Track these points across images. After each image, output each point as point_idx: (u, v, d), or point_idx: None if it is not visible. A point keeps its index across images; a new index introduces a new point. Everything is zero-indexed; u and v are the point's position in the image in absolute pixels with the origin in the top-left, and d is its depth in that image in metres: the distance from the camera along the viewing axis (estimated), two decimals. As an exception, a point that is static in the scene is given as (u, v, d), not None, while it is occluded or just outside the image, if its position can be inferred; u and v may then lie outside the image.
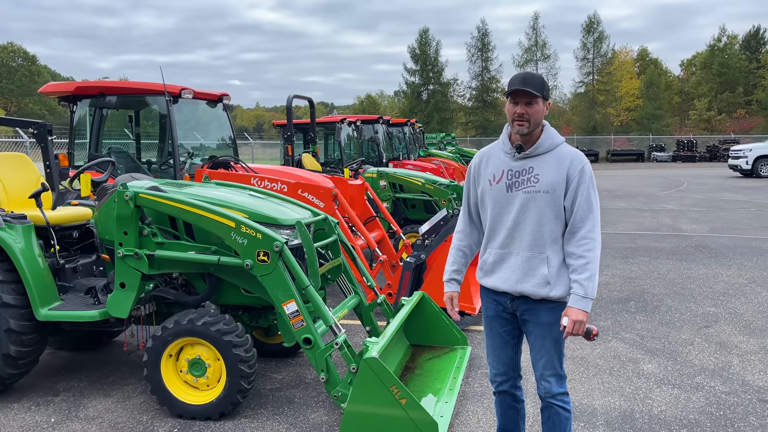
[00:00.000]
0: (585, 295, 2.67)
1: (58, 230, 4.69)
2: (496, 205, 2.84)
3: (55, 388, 4.51)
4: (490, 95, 55.60)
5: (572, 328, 2.66)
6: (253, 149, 27.88)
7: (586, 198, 2.71)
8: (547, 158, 2.77)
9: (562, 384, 2.88)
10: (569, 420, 2.90)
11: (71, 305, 4.23)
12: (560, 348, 2.85)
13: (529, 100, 2.71)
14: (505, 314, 2.93)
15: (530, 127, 2.74)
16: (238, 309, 4.43)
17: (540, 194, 2.73)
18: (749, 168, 25.43)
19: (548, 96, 2.79)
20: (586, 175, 2.73)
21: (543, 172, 2.75)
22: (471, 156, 20.11)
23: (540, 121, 2.77)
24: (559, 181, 2.72)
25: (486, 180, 2.88)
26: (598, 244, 2.71)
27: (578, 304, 2.67)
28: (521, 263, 2.80)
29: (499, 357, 3.01)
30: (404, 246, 6.88)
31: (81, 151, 8.35)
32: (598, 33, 53.92)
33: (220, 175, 6.51)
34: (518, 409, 3.12)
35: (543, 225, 2.75)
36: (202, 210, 3.90)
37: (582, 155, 2.79)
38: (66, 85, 7.50)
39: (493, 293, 2.93)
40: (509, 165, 2.82)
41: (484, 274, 2.94)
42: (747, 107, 54.17)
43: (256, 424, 3.86)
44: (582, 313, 2.66)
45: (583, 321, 2.66)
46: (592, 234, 2.70)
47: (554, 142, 2.80)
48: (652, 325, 5.80)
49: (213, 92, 7.71)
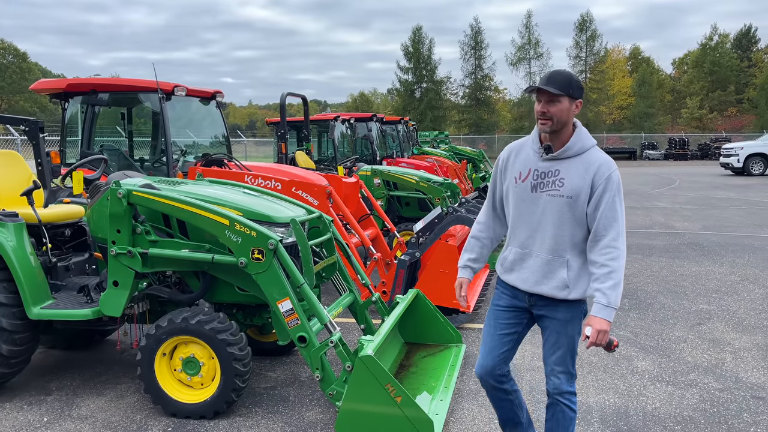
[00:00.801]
0: (608, 304, 2.63)
1: (50, 228, 4.66)
2: (519, 203, 2.83)
3: (48, 387, 4.48)
4: (484, 93, 55.73)
5: (596, 338, 2.62)
6: (246, 147, 27.81)
7: (610, 206, 2.66)
8: (574, 162, 2.73)
9: (572, 383, 2.86)
10: (573, 420, 2.87)
11: (64, 304, 4.20)
12: (574, 346, 2.83)
13: (551, 98, 2.67)
14: (516, 310, 2.92)
15: (553, 125, 2.70)
16: (233, 307, 4.41)
17: (563, 199, 2.71)
18: (740, 166, 25.62)
19: (577, 95, 2.71)
20: (613, 184, 2.67)
21: (568, 177, 2.71)
22: (464, 154, 20.12)
23: (565, 120, 2.71)
24: (583, 187, 2.69)
25: (512, 176, 2.86)
26: (622, 253, 2.67)
27: (601, 313, 2.63)
28: (540, 265, 2.79)
29: (491, 350, 2.97)
30: (398, 244, 6.87)
31: (73, 148, 8.31)
32: (591, 31, 54.18)
33: (213, 172, 6.47)
34: (511, 400, 3.07)
35: (564, 229, 2.73)
36: (196, 208, 3.87)
37: (611, 162, 2.73)
38: (57, 82, 7.45)
39: (511, 287, 2.92)
40: (536, 165, 2.79)
41: (504, 270, 2.95)
42: (738, 105, 54.55)
43: (251, 423, 3.85)
44: (605, 322, 2.62)
45: (607, 331, 2.63)
46: (616, 243, 2.66)
47: (584, 145, 2.75)
48: (646, 322, 5.82)
49: (206, 89, 7.67)
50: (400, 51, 56.87)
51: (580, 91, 2.74)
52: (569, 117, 2.72)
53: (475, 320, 5.91)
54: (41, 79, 8.37)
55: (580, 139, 2.75)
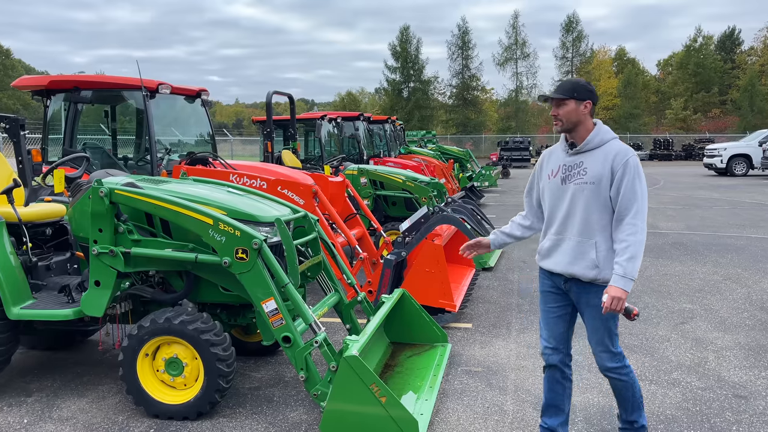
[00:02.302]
0: (624, 274, 2.90)
1: (31, 227, 4.59)
2: (552, 196, 3.20)
3: (28, 388, 4.41)
4: (471, 93, 55.81)
5: (610, 303, 2.89)
6: (232, 145, 27.66)
7: (630, 188, 2.96)
8: (595, 153, 3.07)
9: (616, 359, 3.15)
10: (628, 386, 3.19)
11: (44, 304, 4.14)
12: (610, 327, 3.11)
13: (558, 102, 3.08)
14: (558, 292, 3.25)
15: (564, 125, 3.10)
16: (216, 307, 4.37)
17: (587, 185, 3.04)
18: (724, 167, 25.92)
19: (584, 96, 3.06)
20: (630, 168, 2.97)
21: (591, 166, 3.05)
22: (451, 153, 20.17)
23: (575, 120, 3.07)
24: (604, 173, 3.00)
25: (546, 175, 3.24)
26: (640, 230, 2.95)
27: (617, 282, 2.91)
28: (572, 247, 3.11)
29: (551, 331, 3.31)
30: (385, 243, 6.86)
31: (55, 146, 8.18)
32: (577, 32, 54.48)
33: (198, 171, 6.42)
34: (565, 386, 3.35)
35: (591, 213, 3.04)
36: (180, 207, 3.83)
37: (628, 150, 3.03)
38: (40, 79, 7.35)
39: (549, 273, 3.28)
40: (564, 161, 3.16)
41: (542, 258, 3.32)
42: (722, 107, 55.15)
43: (235, 424, 3.82)
44: (620, 290, 2.89)
45: (621, 298, 2.88)
46: (635, 220, 2.95)
47: (603, 138, 3.08)
48: (630, 321, 5.84)
49: (191, 87, 7.60)
50: (387, 50, 56.82)
51: (588, 93, 3.08)
52: (578, 116, 3.08)
53: (461, 319, 5.92)
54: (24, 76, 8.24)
55: (598, 134, 3.09)
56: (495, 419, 3.83)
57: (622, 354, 3.20)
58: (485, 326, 5.75)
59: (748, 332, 5.50)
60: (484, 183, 19.16)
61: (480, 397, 4.15)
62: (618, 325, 3.17)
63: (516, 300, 6.69)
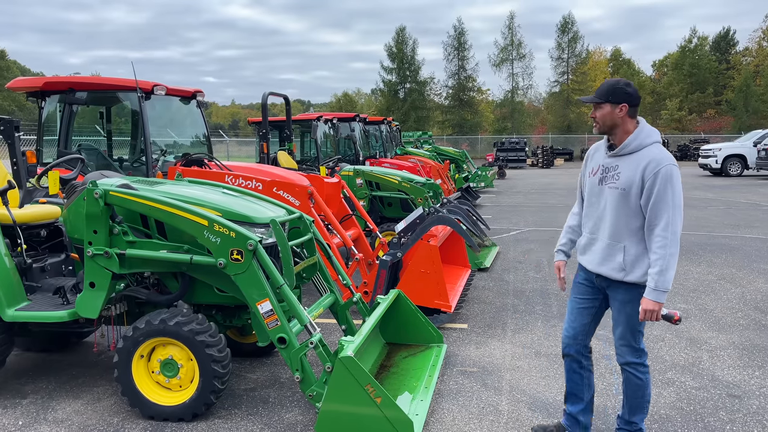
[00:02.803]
0: (655, 287, 2.98)
1: (25, 229, 4.58)
2: (590, 194, 3.30)
3: (23, 390, 4.40)
4: (467, 94, 55.85)
5: (643, 316, 3.02)
6: (228, 146, 27.64)
7: (661, 199, 2.97)
8: (630, 159, 3.09)
9: (636, 355, 3.23)
10: (642, 387, 3.25)
11: (39, 305, 4.13)
12: (632, 323, 3.18)
13: (596, 105, 3.15)
14: (591, 286, 3.36)
15: (600, 127, 3.17)
16: (212, 308, 4.37)
17: (618, 191, 3.10)
18: (719, 167, 26.01)
19: (619, 99, 3.08)
20: (660, 177, 2.96)
21: (624, 171, 3.09)
22: (447, 154, 20.20)
23: (610, 122, 3.12)
24: (635, 181, 3.03)
25: (588, 171, 3.34)
26: (671, 242, 2.96)
27: (649, 295, 3.00)
28: (603, 249, 3.21)
29: (572, 321, 3.43)
30: (381, 244, 6.87)
31: (50, 148, 8.17)
32: (573, 33, 54.56)
33: (193, 172, 6.42)
34: (582, 375, 3.43)
35: (620, 218, 3.11)
36: (174, 208, 3.83)
37: (663, 158, 2.99)
38: (34, 81, 7.33)
39: (584, 267, 3.39)
40: (604, 161, 3.22)
41: (579, 253, 3.44)
42: (717, 107, 55.31)
43: (230, 425, 3.82)
44: (652, 303, 2.98)
45: (654, 310, 2.99)
46: (665, 232, 2.96)
47: (641, 143, 3.08)
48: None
49: (186, 89, 7.60)
50: (383, 51, 57.01)
51: (625, 96, 3.08)
52: (614, 119, 3.11)
53: (457, 320, 5.93)
54: (19, 77, 8.22)
55: (636, 138, 3.09)
56: (490, 419, 3.84)
57: (644, 352, 3.26)
58: (481, 326, 5.76)
59: (742, 332, 5.53)
60: (480, 184, 19.18)
61: (475, 397, 4.16)
62: (643, 323, 3.19)
63: (511, 300, 6.70)
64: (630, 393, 3.30)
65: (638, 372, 3.25)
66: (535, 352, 5.03)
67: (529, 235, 11.26)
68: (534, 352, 5.05)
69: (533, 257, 9.16)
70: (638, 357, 3.25)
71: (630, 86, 3.12)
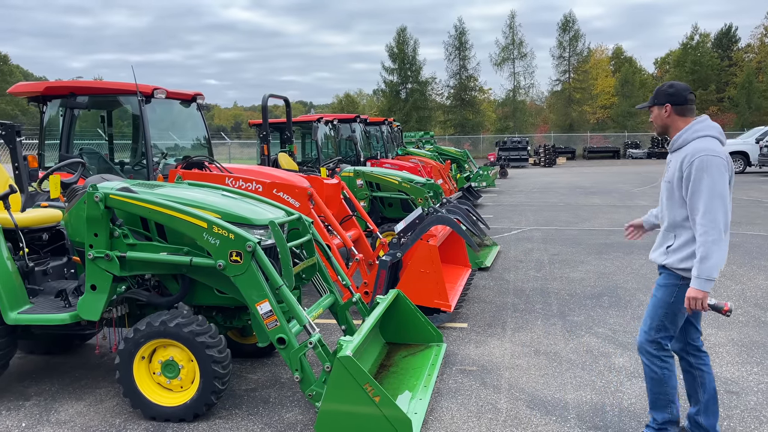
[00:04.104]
0: (697, 275, 3.05)
1: (27, 233, 4.62)
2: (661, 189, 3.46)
3: (26, 392, 4.45)
4: (468, 94, 55.86)
5: (687, 304, 3.09)
6: (230, 149, 27.69)
7: (697, 188, 3.07)
8: (677, 154, 3.25)
9: (652, 345, 3.30)
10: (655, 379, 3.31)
11: (41, 308, 4.17)
12: (656, 308, 3.29)
13: (649, 110, 3.37)
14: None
15: (657, 129, 3.37)
16: (212, 310, 4.40)
17: (666, 184, 3.31)
18: (721, 164, 25.90)
19: (662, 101, 3.27)
20: (696, 167, 3.07)
21: (671, 166, 3.28)
22: (448, 154, 20.21)
23: (661, 123, 3.31)
24: (676, 173, 3.19)
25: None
26: (710, 229, 3.03)
27: (693, 283, 3.08)
28: (659, 238, 3.41)
29: None
30: (381, 245, 6.90)
31: (52, 152, 8.22)
32: (574, 31, 54.53)
33: (194, 175, 6.46)
34: (694, 376, 3.43)
35: (671, 209, 3.28)
36: (174, 210, 3.86)
37: (701, 150, 3.10)
38: (35, 86, 7.38)
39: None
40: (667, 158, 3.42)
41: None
42: (719, 104, 55.20)
43: (231, 425, 3.85)
44: (695, 290, 3.06)
45: (698, 298, 3.05)
46: (703, 220, 3.05)
47: (686, 139, 3.21)
48: (625, 319, 5.89)
49: (186, 92, 7.64)
50: (384, 52, 56.78)
51: (666, 97, 3.26)
52: (663, 120, 3.31)
53: (457, 319, 5.96)
54: (22, 81, 8.27)
55: (683, 134, 3.23)
56: (488, 417, 3.86)
57: (662, 347, 3.30)
58: (480, 326, 5.78)
59: (741, 329, 5.54)
60: (482, 183, 19.21)
61: (474, 396, 4.19)
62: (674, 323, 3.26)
63: (512, 299, 6.72)
64: (648, 383, 3.37)
65: (653, 365, 3.30)
66: (535, 351, 5.05)
67: (530, 234, 11.28)
68: (533, 350, 5.08)
69: (534, 256, 9.18)
70: (655, 349, 3.30)
71: (672, 87, 3.27)
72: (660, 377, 3.31)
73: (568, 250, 9.60)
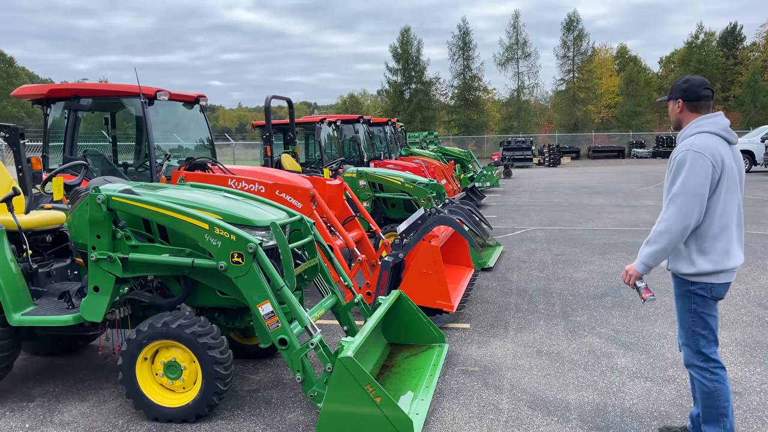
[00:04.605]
0: (639, 259, 3.19)
1: (31, 234, 4.65)
2: None
3: (30, 393, 4.47)
4: (472, 94, 55.77)
5: (623, 275, 3.29)
6: (234, 150, 27.72)
7: (671, 182, 3.10)
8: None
9: (698, 358, 3.18)
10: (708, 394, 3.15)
11: (45, 310, 4.19)
12: (687, 320, 3.21)
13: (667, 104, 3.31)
14: None
15: (672, 124, 3.32)
16: (214, 311, 4.42)
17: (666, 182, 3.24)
18: (726, 163, 25.80)
19: (675, 96, 3.22)
20: (677, 162, 3.07)
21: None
22: (452, 154, 20.21)
23: (673, 118, 3.28)
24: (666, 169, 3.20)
25: None
26: (664, 219, 3.07)
27: (634, 262, 3.23)
28: None
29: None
30: (384, 245, 6.91)
31: (57, 154, 8.26)
32: (578, 31, 54.39)
33: (196, 176, 6.48)
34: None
35: None
36: (175, 212, 3.88)
37: (686, 145, 3.07)
38: (39, 88, 7.41)
39: None
40: None
41: None
42: (725, 103, 54.93)
43: (233, 426, 3.86)
44: (632, 268, 3.23)
45: (630, 273, 3.24)
46: (666, 215, 3.07)
47: (686, 134, 3.18)
48: (627, 319, 5.88)
49: (189, 94, 7.66)
50: (388, 52, 56.93)
51: (678, 92, 3.21)
52: (676, 115, 3.26)
53: (459, 320, 5.96)
54: (27, 84, 8.31)
55: (685, 131, 3.20)
56: (490, 418, 3.86)
57: (710, 358, 3.15)
58: (483, 326, 5.78)
59: (744, 329, 5.52)
60: (486, 183, 19.19)
61: (476, 396, 4.19)
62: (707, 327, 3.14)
63: (514, 300, 6.72)
64: (700, 398, 3.21)
65: (703, 378, 3.15)
66: (537, 351, 5.05)
67: (533, 234, 11.27)
68: (536, 351, 5.07)
69: (537, 256, 9.17)
70: (701, 361, 3.16)
71: (687, 82, 3.20)
72: (711, 391, 3.14)
73: (571, 250, 9.59)
